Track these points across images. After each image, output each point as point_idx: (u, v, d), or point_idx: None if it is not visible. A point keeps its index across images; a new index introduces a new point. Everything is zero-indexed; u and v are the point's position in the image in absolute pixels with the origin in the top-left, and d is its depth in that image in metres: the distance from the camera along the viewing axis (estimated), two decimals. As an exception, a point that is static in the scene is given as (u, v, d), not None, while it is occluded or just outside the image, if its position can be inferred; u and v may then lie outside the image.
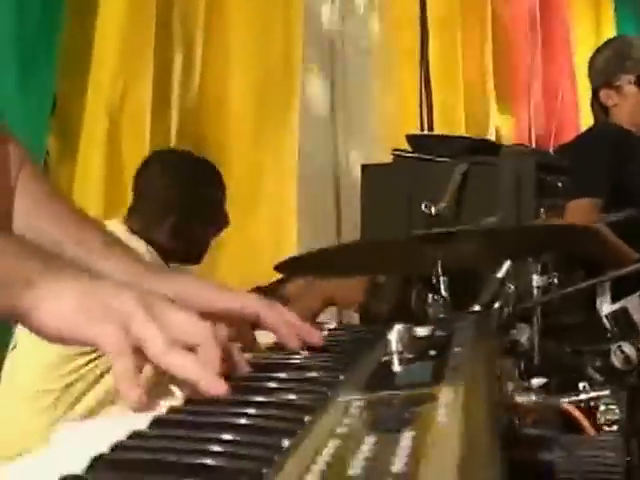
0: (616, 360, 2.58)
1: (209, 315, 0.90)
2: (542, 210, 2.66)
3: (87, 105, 3.24)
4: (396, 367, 0.91)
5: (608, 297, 2.70)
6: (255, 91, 3.89)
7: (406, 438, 0.61)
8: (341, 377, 0.88)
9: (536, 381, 2.23)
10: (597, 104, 3.51)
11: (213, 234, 2.65)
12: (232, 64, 3.79)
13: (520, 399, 0.94)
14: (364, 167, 3.72)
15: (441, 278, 1.91)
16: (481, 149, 3.53)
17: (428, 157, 3.53)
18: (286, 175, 3.99)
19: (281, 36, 3.97)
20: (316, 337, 1.01)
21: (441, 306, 1.90)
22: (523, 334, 2.64)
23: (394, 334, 0.96)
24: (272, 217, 3.93)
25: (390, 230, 3.46)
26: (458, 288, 2.69)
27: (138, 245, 2.40)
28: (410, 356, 0.94)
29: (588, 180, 3.15)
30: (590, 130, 3.53)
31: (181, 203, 2.56)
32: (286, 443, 0.64)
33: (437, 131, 4.47)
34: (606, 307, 2.68)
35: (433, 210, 1.94)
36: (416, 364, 0.91)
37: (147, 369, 0.82)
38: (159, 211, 2.55)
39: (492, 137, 5.00)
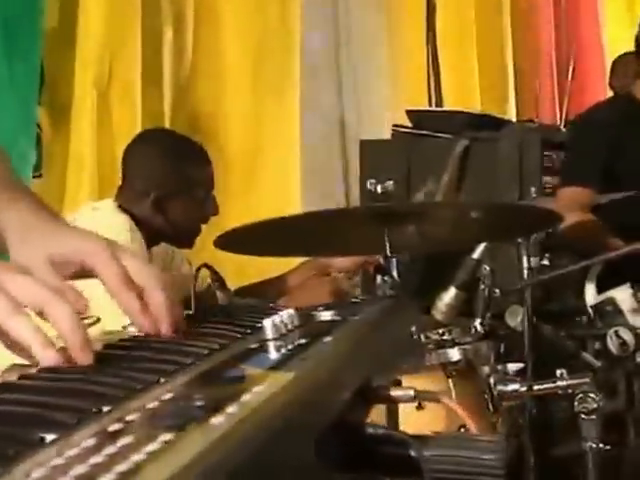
0: (612, 345, 2.48)
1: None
2: (533, 190, 2.54)
3: (75, 78, 3.17)
4: (248, 357, 0.81)
5: (594, 287, 2.60)
6: (251, 59, 3.78)
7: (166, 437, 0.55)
8: (188, 361, 0.79)
9: (512, 366, 2.13)
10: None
11: (200, 218, 2.56)
12: (225, 31, 3.69)
13: (394, 393, 0.83)
14: (362, 142, 3.62)
15: (391, 259, 1.80)
16: (483, 125, 3.42)
17: (428, 133, 3.43)
18: (288, 144, 3.88)
19: (277, 2, 3.85)
20: (164, 327, 0.91)
21: (390, 287, 1.80)
22: (516, 316, 2.54)
23: (275, 319, 0.86)
24: (275, 188, 3.83)
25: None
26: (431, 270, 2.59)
27: (123, 221, 2.36)
28: (279, 344, 0.85)
29: (579, 167, 2.99)
30: (595, 107, 3.33)
31: (163, 179, 2.50)
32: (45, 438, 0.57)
33: (449, 105, 4.34)
34: (591, 297, 2.57)
35: (379, 189, 1.83)
36: (260, 356, 0.81)
37: None
38: (142, 187, 2.50)
39: (512, 112, 4.84)
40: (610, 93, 4.13)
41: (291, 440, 0.61)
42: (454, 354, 1.98)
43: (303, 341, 0.86)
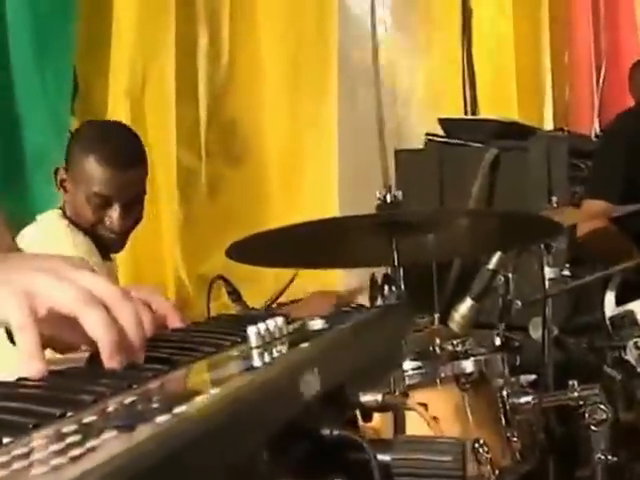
0: (631, 357, 2.48)
1: None
2: (554, 199, 2.54)
3: (109, 86, 3.20)
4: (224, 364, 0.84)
5: (613, 299, 2.60)
6: (289, 65, 3.79)
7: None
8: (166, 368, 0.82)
9: (526, 378, 2.14)
10: None
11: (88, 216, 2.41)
12: (262, 37, 3.70)
13: (364, 398, 0.86)
14: (397, 152, 3.66)
15: (399, 269, 1.82)
16: (513, 133, 3.42)
17: (458, 142, 3.45)
18: (326, 150, 3.89)
19: (314, 6, 3.84)
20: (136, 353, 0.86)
21: (397, 298, 1.81)
22: (539, 327, 2.55)
23: (260, 327, 0.89)
24: (313, 194, 3.84)
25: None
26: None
27: (63, 227, 2.31)
28: (259, 351, 0.88)
29: (604, 181, 2.99)
30: (618, 116, 3.32)
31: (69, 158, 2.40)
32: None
33: (484, 109, 4.33)
34: (610, 309, 2.57)
35: (388, 198, 1.84)
36: (236, 363, 0.84)
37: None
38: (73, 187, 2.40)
39: (549, 117, 4.82)
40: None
41: (235, 440, 0.63)
42: (468, 366, 1.98)
43: (282, 349, 0.89)
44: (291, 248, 1.85)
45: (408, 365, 1.92)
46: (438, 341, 2.01)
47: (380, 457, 0.82)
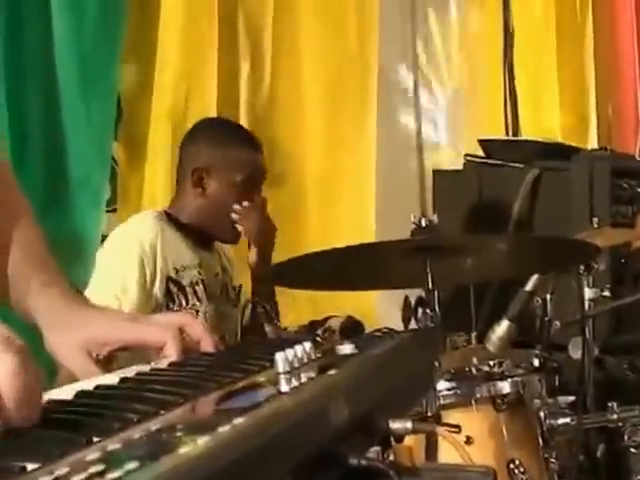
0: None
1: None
2: (595, 220, 2.52)
3: (152, 111, 3.24)
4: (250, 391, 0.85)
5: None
6: (329, 87, 3.80)
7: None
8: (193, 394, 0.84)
9: (564, 399, 2.13)
10: None
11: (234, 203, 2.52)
12: (303, 60, 3.72)
13: (394, 426, 0.86)
14: (435, 172, 3.66)
15: (433, 292, 1.82)
16: (555, 154, 3.41)
17: (499, 162, 3.43)
18: (365, 171, 3.90)
19: (355, 30, 3.87)
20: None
21: (430, 320, 1.81)
22: (579, 347, 2.53)
23: (288, 353, 0.90)
24: (351, 214, 3.86)
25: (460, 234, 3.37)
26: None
27: (150, 225, 2.42)
28: (287, 377, 0.88)
29: None
30: None
31: (201, 156, 2.55)
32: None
33: (527, 133, 4.31)
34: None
35: (423, 222, 1.85)
36: (262, 390, 0.85)
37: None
38: (186, 168, 2.55)
39: (593, 136, 4.79)
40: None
41: (262, 468, 0.63)
42: (504, 387, 1.98)
43: (311, 375, 0.88)
44: (327, 271, 1.87)
45: (443, 385, 1.92)
46: (475, 361, 2.01)
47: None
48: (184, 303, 2.34)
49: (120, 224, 2.56)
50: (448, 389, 1.94)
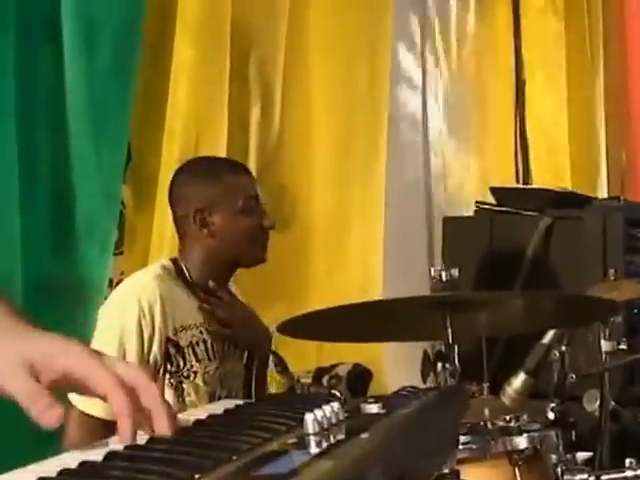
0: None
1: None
2: (612, 272, 2.50)
3: (162, 154, 3.22)
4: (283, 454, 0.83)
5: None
6: (339, 131, 3.80)
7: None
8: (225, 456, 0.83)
9: (582, 455, 2.08)
10: None
11: (250, 226, 2.48)
12: (313, 105, 3.71)
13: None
14: (445, 219, 3.63)
15: (453, 346, 1.78)
16: (567, 202, 3.39)
17: (511, 210, 3.41)
18: (373, 218, 3.89)
19: (366, 79, 3.87)
20: (164, 427, 0.93)
21: (450, 375, 1.78)
22: (594, 400, 2.49)
23: (317, 413, 0.88)
24: (359, 263, 3.84)
25: (471, 283, 3.35)
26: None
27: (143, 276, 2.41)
28: (318, 439, 0.87)
29: None
30: None
31: (197, 194, 2.51)
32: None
33: (538, 182, 4.30)
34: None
35: (444, 276, 1.82)
36: (295, 452, 0.82)
37: None
38: (183, 212, 2.53)
39: (603, 184, 4.77)
40: None
41: None
42: (521, 442, 1.94)
43: (341, 437, 0.87)
44: (340, 324, 1.84)
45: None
46: (487, 412, 1.98)
47: None
48: (181, 364, 2.30)
49: (125, 269, 2.52)
50: (463, 443, 1.90)
